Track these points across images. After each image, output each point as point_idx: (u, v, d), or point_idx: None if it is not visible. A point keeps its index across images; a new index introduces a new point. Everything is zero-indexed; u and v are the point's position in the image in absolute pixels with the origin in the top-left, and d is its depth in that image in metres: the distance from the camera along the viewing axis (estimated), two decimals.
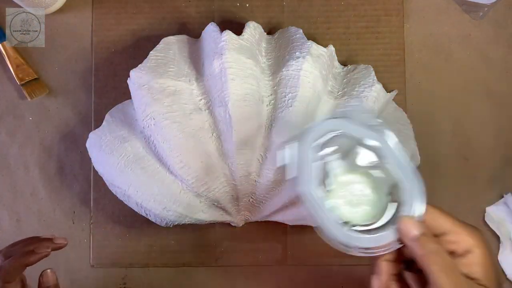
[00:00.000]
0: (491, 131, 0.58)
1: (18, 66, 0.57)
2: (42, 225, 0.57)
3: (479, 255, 0.33)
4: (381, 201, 0.35)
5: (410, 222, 0.33)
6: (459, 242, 0.33)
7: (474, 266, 0.33)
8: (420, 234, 0.33)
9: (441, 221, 0.34)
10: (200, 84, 0.50)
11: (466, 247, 0.33)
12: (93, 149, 0.52)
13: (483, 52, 0.59)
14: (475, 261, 0.33)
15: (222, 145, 0.48)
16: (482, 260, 0.33)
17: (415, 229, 0.33)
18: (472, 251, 0.33)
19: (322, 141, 0.34)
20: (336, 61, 0.53)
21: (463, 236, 0.33)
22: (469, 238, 0.33)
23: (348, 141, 0.35)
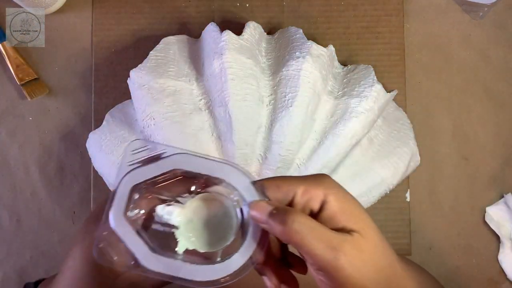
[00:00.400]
0: (491, 131, 0.58)
1: (18, 66, 0.57)
2: (42, 225, 0.57)
3: (334, 201, 0.30)
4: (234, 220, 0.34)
5: (256, 205, 0.31)
6: (311, 198, 0.31)
7: (335, 216, 0.30)
8: (271, 210, 0.30)
9: (285, 188, 0.31)
10: (200, 84, 0.50)
11: (319, 199, 0.31)
12: (93, 149, 0.52)
13: (483, 52, 0.59)
14: (333, 210, 0.30)
15: (222, 145, 0.48)
16: (339, 204, 0.30)
17: (263, 209, 0.30)
18: (327, 200, 0.30)
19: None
20: (336, 61, 0.53)
21: (311, 191, 0.31)
22: (317, 190, 0.30)
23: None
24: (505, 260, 0.57)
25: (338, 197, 0.31)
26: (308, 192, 0.31)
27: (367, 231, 0.30)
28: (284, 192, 0.31)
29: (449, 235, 0.58)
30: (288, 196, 0.31)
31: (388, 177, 0.50)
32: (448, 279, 0.57)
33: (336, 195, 0.31)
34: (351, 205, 0.31)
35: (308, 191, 0.31)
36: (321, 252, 0.29)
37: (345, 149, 0.48)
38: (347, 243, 0.29)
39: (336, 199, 0.30)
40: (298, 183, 0.31)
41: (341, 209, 0.30)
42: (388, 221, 0.57)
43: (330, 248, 0.29)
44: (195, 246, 0.33)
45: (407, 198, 0.57)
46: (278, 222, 0.30)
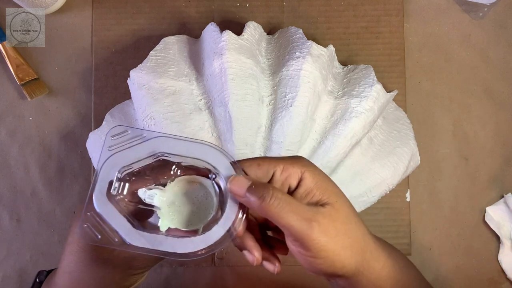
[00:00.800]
0: (491, 131, 0.58)
1: (18, 66, 0.57)
2: (42, 225, 0.57)
3: (310, 177, 0.33)
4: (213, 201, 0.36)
5: (235, 180, 0.33)
6: (290, 175, 0.33)
7: (311, 191, 0.33)
8: (250, 184, 0.32)
9: (265, 166, 0.34)
10: (200, 84, 0.50)
11: (297, 176, 0.33)
12: (93, 149, 0.52)
13: (483, 52, 0.59)
14: (309, 186, 0.33)
15: (222, 145, 0.48)
16: (314, 181, 0.33)
17: (242, 184, 0.32)
18: (303, 177, 0.33)
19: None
20: (336, 61, 0.53)
21: (290, 169, 0.33)
22: (294, 168, 0.33)
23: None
24: (505, 260, 0.57)
25: (313, 174, 0.33)
26: (286, 170, 0.33)
27: (340, 204, 0.33)
28: (264, 170, 0.34)
29: (449, 235, 0.58)
30: (269, 174, 0.34)
31: (388, 177, 0.50)
32: (448, 279, 0.57)
33: (312, 172, 0.33)
34: (324, 182, 0.34)
35: (287, 169, 0.33)
36: (296, 223, 0.31)
37: (345, 149, 0.48)
38: (320, 214, 0.32)
39: (312, 176, 0.33)
40: (277, 162, 0.34)
41: (316, 184, 0.33)
42: (388, 221, 0.57)
43: (305, 219, 0.32)
44: (177, 225, 0.35)
45: (407, 198, 0.57)
46: (256, 197, 0.32)
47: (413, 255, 0.57)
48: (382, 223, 0.57)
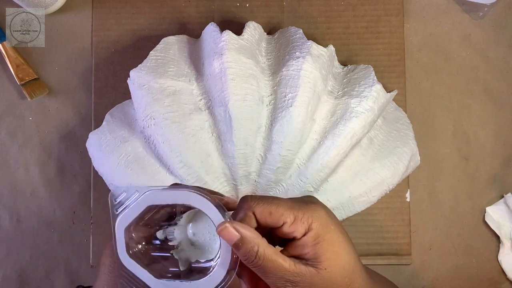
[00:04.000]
0: (491, 131, 0.58)
1: (18, 66, 0.57)
2: (42, 225, 0.57)
3: (311, 236, 0.33)
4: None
5: (223, 231, 0.33)
6: (297, 228, 0.34)
7: (306, 247, 0.33)
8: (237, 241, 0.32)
9: (276, 216, 0.34)
10: (200, 84, 0.50)
11: (304, 230, 0.34)
12: (93, 149, 0.52)
13: (483, 52, 0.59)
14: (307, 242, 0.33)
15: (222, 145, 0.48)
16: (314, 240, 0.33)
17: (231, 236, 0.32)
18: (307, 233, 0.34)
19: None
20: (336, 61, 0.53)
21: (299, 223, 0.33)
22: (304, 223, 0.33)
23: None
24: (505, 260, 0.57)
25: (318, 232, 0.33)
26: (295, 224, 0.33)
27: (328, 271, 0.33)
28: (274, 220, 0.33)
29: (449, 235, 0.58)
30: (278, 223, 0.34)
31: (388, 177, 0.50)
32: (448, 279, 0.57)
33: (317, 229, 0.33)
34: (325, 242, 0.34)
35: (296, 222, 0.33)
36: (276, 282, 0.33)
37: (345, 149, 0.48)
38: (300, 277, 0.33)
39: (315, 233, 0.33)
40: (288, 213, 0.33)
41: (314, 243, 0.33)
42: (388, 221, 0.57)
43: (284, 280, 0.33)
44: (197, 257, 0.37)
45: (407, 198, 0.57)
46: (242, 254, 0.32)
47: (413, 255, 0.57)
48: (382, 223, 0.57)
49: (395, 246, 0.57)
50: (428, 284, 0.57)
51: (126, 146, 0.50)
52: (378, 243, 0.57)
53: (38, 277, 0.57)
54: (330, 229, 0.34)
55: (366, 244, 0.56)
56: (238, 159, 0.48)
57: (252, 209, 0.34)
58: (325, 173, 0.48)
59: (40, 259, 0.57)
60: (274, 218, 0.33)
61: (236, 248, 0.32)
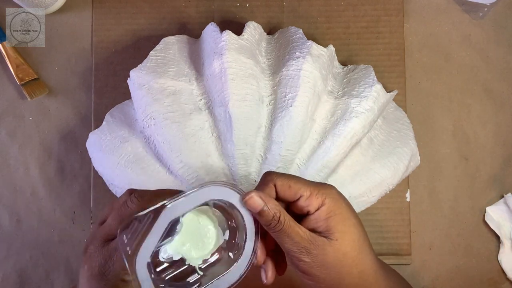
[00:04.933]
0: (491, 131, 0.58)
1: (18, 66, 0.57)
2: (42, 225, 0.57)
3: (324, 210, 0.37)
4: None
5: (250, 200, 0.36)
6: (311, 203, 0.37)
7: (319, 221, 0.37)
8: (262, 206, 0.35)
9: (294, 190, 0.37)
10: (200, 84, 0.50)
11: (317, 205, 0.37)
12: (93, 149, 0.52)
13: (483, 52, 0.59)
14: (320, 216, 0.37)
15: (222, 145, 0.48)
16: (326, 214, 0.37)
17: (257, 204, 0.35)
18: (320, 208, 0.37)
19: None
20: (336, 61, 0.53)
21: (313, 197, 0.37)
22: (318, 198, 0.37)
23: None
24: (505, 260, 0.57)
25: (330, 207, 0.37)
26: (310, 198, 0.37)
27: (339, 242, 0.36)
28: (292, 193, 0.37)
29: (449, 235, 0.58)
30: (296, 196, 0.37)
31: (388, 177, 0.50)
32: (448, 279, 0.57)
33: (329, 205, 0.37)
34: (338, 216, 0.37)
35: (311, 197, 0.37)
36: (292, 248, 0.36)
37: (345, 149, 0.48)
38: (313, 244, 0.36)
39: (327, 208, 0.37)
40: (306, 187, 0.37)
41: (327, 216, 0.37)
42: (388, 221, 0.57)
43: (300, 246, 0.36)
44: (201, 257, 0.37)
45: (407, 198, 0.57)
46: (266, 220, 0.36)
47: (413, 255, 0.57)
48: (382, 223, 0.57)
49: (395, 246, 0.57)
50: (428, 284, 0.57)
51: (126, 146, 0.50)
52: (378, 243, 0.57)
53: (38, 277, 0.57)
54: (341, 205, 0.37)
55: None
56: (238, 159, 0.48)
57: (274, 181, 0.37)
58: (325, 173, 0.48)
59: (40, 259, 0.57)
60: (292, 191, 0.37)
61: (261, 215, 0.35)
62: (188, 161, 0.48)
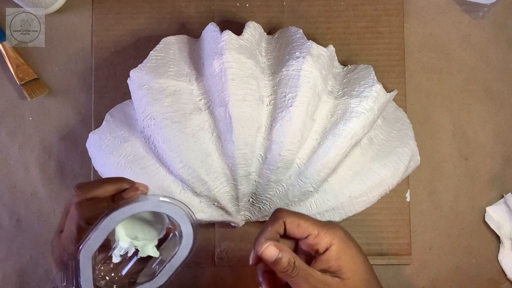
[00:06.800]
0: (491, 131, 0.58)
1: (18, 66, 0.57)
2: (42, 225, 0.57)
3: (334, 251, 0.38)
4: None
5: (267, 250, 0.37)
6: (320, 242, 0.38)
7: (330, 261, 0.38)
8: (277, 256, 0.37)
9: (303, 229, 0.39)
10: (200, 84, 0.50)
11: (326, 245, 0.38)
12: (93, 149, 0.52)
13: (483, 52, 0.59)
14: (331, 257, 0.38)
15: (222, 145, 0.48)
16: (336, 254, 0.38)
17: (272, 253, 0.37)
18: (330, 247, 0.38)
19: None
20: (336, 61, 0.53)
21: (322, 237, 0.38)
22: (326, 237, 0.38)
23: None
24: (505, 260, 0.57)
25: (338, 248, 0.38)
26: (319, 237, 0.38)
27: (352, 281, 0.38)
28: (301, 231, 0.39)
29: (449, 235, 0.58)
30: (304, 234, 0.39)
31: (388, 177, 0.50)
32: (448, 279, 0.57)
33: (338, 245, 0.38)
34: (347, 256, 0.39)
35: (319, 236, 0.38)
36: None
37: (345, 149, 0.48)
38: (327, 286, 0.38)
39: (337, 248, 0.38)
40: (314, 227, 0.39)
41: (337, 256, 0.38)
42: (388, 221, 0.57)
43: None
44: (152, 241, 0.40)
45: (407, 198, 0.57)
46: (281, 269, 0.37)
47: (413, 255, 0.57)
48: (382, 223, 0.57)
49: (395, 246, 0.57)
50: (428, 284, 0.57)
51: (126, 146, 0.50)
52: (378, 243, 0.57)
53: (38, 277, 0.57)
54: (349, 245, 0.39)
55: (366, 244, 0.56)
56: (238, 159, 0.48)
57: (283, 218, 0.39)
58: (325, 173, 0.48)
59: (40, 259, 0.57)
60: (301, 230, 0.38)
61: (276, 263, 0.37)
62: (188, 161, 0.48)
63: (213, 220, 0.52)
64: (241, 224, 0.54)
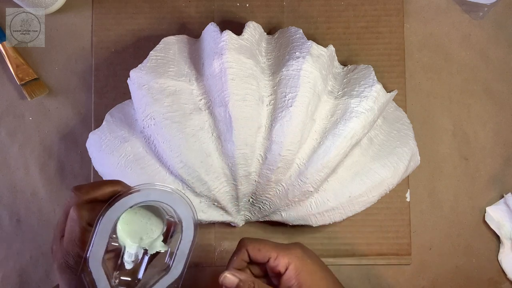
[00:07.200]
0: (491, 131, 0.58)
1: (18, 66, 0.57)
2: (42, 225, 0.57)
3: (292, 269, 0.41)
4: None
5: (226, 278, 0.41)
6: (279, 263, 0.42)
7: (291, 280, 0.41)
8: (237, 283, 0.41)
9: (263, 253, 0.42)
10: (200, 84, 0.50)
11: (285, 265, 0.42)
12: (93, 149, 0.52)
13: (483, 52, 0.59)
14: (291, 275, 0.41)
15: (222, 145, 0.48)
16: (295, 272, 0.41)
17: (232, 282, 0.41)
18: (288, 267, 0.41)
19: None
20: (336, 61, 0.53)
21: (281, 258, 0.42)
22: (284, 258, 0.42)
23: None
24: (505, 260, 0.57)
25: (296, 265, 0.42)
26: (278, 258, 0.42)
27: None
28: (262, 256, 0.42)
29: (449, 235, 0.58)
30: (265, 258, 0.42)
31: (388, 177, 0.50)
32: (448, 279, 0.57)
33: (295, 263, 0.42)
34: (307, 275, 0.42)
35: (278, 257, 0.42)
36: None
37: (345, 149, 0.48)
38: None
39: (295, 268, 0.41)
40: (273, 250, 0.42)
41: (296, 276, 0.41)
42: (388, 221, 0.57)
43: None
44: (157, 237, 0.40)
45: (407, 198, 0.57)
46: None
47: (413, 255, 0.57)
48: (382, 223, 0.57)
49: (395, 246, 0.57)
50: (428, 284, 0.57)
51: (126, 146, 0.50)
52: (378, 243, 0.57)
53: (38, 277, 0.57)
54: (307, 262, 0.42)
55: (366, 244, 0.56)
56: (238, 159, 0.48)
57: (246, 246, 0.43)
58: (325, 173, 0.48)
59: (40, 259, 0.57)
60: (261, 254, 0.42)
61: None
62: (188, 161, 0.48)
63: (213, 220, 0.52)
64: (241, 224, 0.54)
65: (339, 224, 0.56)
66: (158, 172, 0.49)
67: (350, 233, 0.57)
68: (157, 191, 0.38)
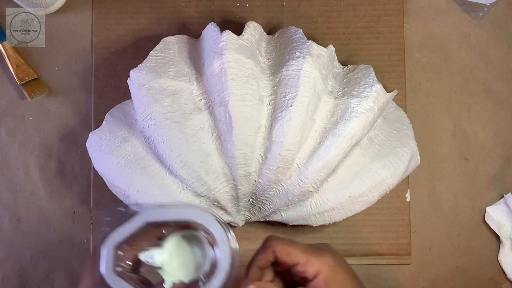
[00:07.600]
0: (491, 131, 0.58)
1: (18, 66, 0.57)
2: (42, 225, 0.57)
3: (322, 279, 0.38)
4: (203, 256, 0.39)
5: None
6: (308, 269, 0.38)
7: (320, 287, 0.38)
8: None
9: (292, 256, 0.39)
10: (200, 84, 0.50)
11: (315, 272, 0.38)
12: (93, 149, 0.52)
13: (483, 52, 0.59)
14: (319, 285, 0.38)
15: (222, 145, 0.48)
16: (325, 282, 0.38)
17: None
18: (318, 275, 0.38)
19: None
20: (336, 61, 0.53)
21: (310, 265, 0.38)
22: (314, 265, 0.38)
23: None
24: (505, 260, 0.57)
25: (326, 275, 0.39)
26: (307, 265, 0.39)
27: None
28: (290, 259, 0.39)
29: (449, 235, 0.58)
30: (293, 262, 0.39)
31: (388, 177, 0.50)
32: (448, 279, 0.57)
33: (326, 272, 0.39)
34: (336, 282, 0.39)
35: (308, 263, 0.39)
36: None
37: (345, 149, 0.48)
38: None
39: (325, 276, 0.38)
40: (303, 255, 0.39)
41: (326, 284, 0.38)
42: (388, 221, 0.57)
43: None
44: (181, 278, 0.38)
45: (407, 198, 0.57)
46: None
47: (413, 255, 0.57)
48: (382, 223, 0.57)
49: (395, 246, 0.57)
50: (428, 284, 0.57)
51: (126, 146, 0.50)
52: (378, 243, 0.57)
53: (38, 277, 0.57)
54: (338, 271, 0.39)
55: (366, 244, 0.56)
56: (238, 159, 0.48)
57: (273, 247, 0.39)
58: (325, 173, 0.48)
59: (40, 259, 0.57)
60: (290, 258, 0.39)
61: None
62: (188, 161, 0.48)
63: None
64: (241, 224, 0.54)
65: (339, 224, 0.56)
66: (158, 172, 0.49)
67: (350, 233, 0.57)
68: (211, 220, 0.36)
